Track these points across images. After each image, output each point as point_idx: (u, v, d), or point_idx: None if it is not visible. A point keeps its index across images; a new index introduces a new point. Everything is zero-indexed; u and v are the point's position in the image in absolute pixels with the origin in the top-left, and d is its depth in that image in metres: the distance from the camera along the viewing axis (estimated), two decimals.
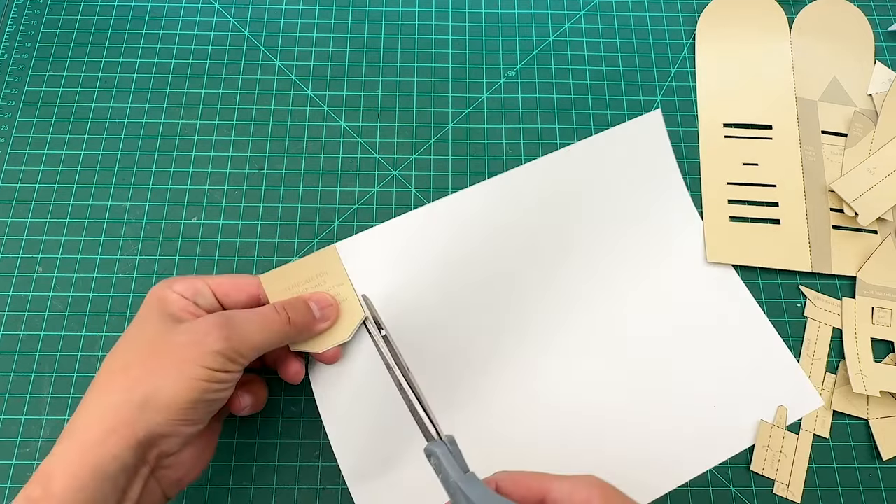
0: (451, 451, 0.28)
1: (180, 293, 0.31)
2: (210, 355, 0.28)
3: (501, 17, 0.47)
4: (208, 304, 0.32)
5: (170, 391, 0.27)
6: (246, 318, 0.30)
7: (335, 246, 0.36)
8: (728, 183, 0.42)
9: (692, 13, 0.48)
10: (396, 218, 0.39)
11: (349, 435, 0.35)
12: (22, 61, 0.45)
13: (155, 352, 0.28)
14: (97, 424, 0.26)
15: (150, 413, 0.27)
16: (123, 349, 0.30)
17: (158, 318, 0.30)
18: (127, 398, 0.27)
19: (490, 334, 0.38)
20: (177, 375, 0.27)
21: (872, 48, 0.46)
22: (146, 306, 0.31)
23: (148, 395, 0.27)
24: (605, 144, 0.42)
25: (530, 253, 0.39)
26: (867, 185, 0.41)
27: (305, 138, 0.43)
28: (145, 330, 0.30)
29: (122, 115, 0.44)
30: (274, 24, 0.47)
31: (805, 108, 0.44)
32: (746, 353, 0.39)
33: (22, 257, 0.40)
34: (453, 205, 0.40)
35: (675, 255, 0.41)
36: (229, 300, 0.32)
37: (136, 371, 0.28)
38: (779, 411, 0.37)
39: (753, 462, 0.36)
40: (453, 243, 0.39)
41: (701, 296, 0.40)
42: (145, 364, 0.28)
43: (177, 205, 0.41)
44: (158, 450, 0.28)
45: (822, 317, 0.40)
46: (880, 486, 0.36)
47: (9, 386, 0.37)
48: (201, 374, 0.28)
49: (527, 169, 0.41)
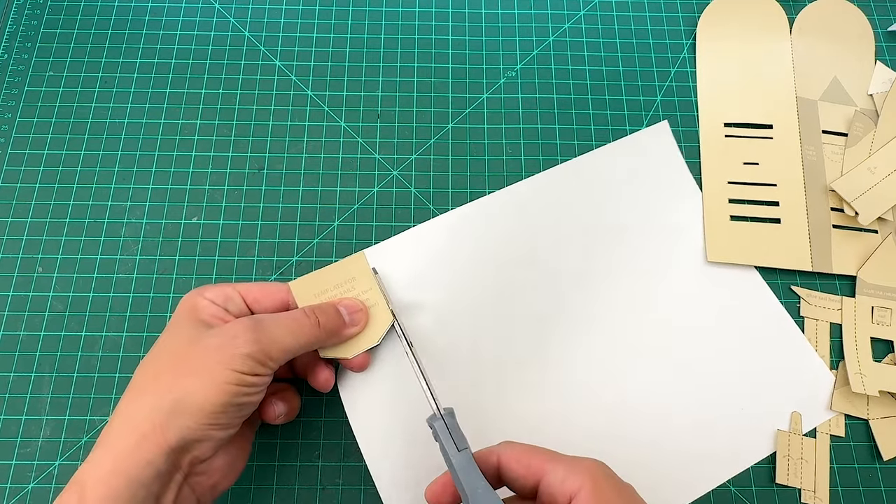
0: (449, 426, 0.29)
1: (211, 300, 0.31)
2: (239, 358, 0.28)
3: (501, 17, 0.47)
4: (239, 310, 0.32)
5: (199, 395, 0.27)
6: (275, 321, 0.30)
7: (364, 252, 0.36)
8: (728, 182, 0.42)
9: (692, 13, 0.48)
10: (423, 224, 0.40)
11: (379, 442, 0.35)
12: (22, 61, 0.45)
13: (185, 357, 0.28)
14: (130, 431, 0.27)
15: (180, 417, 0.27)
16: (155, 356, 0.30)
17: (189, 324, 0.30)
18: (157, 404, 0.27)
19: (514, 339, 0.38)
20: (206, 379, 0.27)
21: (873, 48, 0.46)
22: (178, 314, 0.31)
23: (178, 400, 0.27)
24: (619, 152, 0.43)
25: (554, 259, 0.40)
26: (867, 184, 0.41)
27: (305, 138, 0.43)
28: (176, 336, 0.30)
29: (123, 115, 0.44)
30: (274, 24, 0.47)
31: (805, 108, 0.44)
32: (772, 354, 0.38)
33: (22, 257, 0.40)
34: (478, 210, 0.41)
35: (694, 259, 0.41)
36: (259, 306, 0.33)
37: (167, 377, 0.28)
38: (793, 417, 0.37)
39: (777, 474, 0.36)
40: (478, 248, 0.40)
41: (724, 298, 0.40)
42: (175, 369, 0.28)
43: (177, 205, 0.41)
44: (191, 455, 0.28)
45: (818, 314, 0.39)
46: (880, 487, 0.36)
47: (9, 386, 0.37)
48: (231, 377, 0.27)
49: (548, 175, 0.42)
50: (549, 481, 0.26)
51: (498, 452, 0.28)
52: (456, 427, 0.29)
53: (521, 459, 0.27)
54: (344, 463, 0.36)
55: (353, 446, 0.36)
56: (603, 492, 0.25)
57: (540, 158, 0.43)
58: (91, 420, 0.37)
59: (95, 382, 0.37)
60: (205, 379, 0.27)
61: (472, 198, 0.42)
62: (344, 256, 0.40)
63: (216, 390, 0.27)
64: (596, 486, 0.25)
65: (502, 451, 0.28)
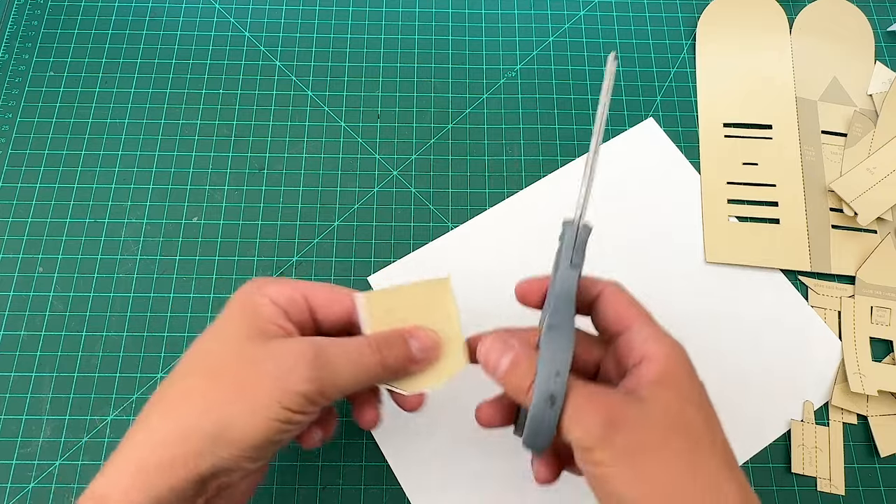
0: (577, 238, 0.26)
1: (272, 300, 0.27)
2: (293, 395, 0.25)
3: (501, 17, 0.47)
4: (300, 316, 0.28)
5: (243, 427, 0.24)
6: (338, 356, 0.26)
7: (450, 277, 0.30)
8: (728, 183, 0.42)
9: (692, 13, 0.48)
10: (435, 241, 0.41)
11: (419, 476, 0.36)
12: (22, 62, 0.45)
13: (232, 374, 0.25)
14: (159, 449, 0.24)
15: (217, 447, 0.24)
16: (198, 361, 0.27)
17: (245, 328, 0.27)
18: (195, 426, 0.24)
19: None
20: (252, 410, 0.25)
21: (872, 48, 0.46)
22: (232, 311, 0.28)
23: (220, 428, 0.24)
24: (615, 151, 0.43)
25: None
26: (867, 184, 0.41)
27: (305, 138, 0.43)
28: (226, 343, 0.27)
29: (123, 115, 0.44)
30: (274, 24, 0.47)
31: (805, 108, 0.44)
32: (780, 338, 0.39)
33: (23, 257, 0.40)
34: (473, 229, 0.41)
35: (694, 257, 0.41)
36: (322, 313, 0.29)
37: (209, 394, 0.25)
38: (805, 406, 0.37)
39: (793, 463, 0.36)
40: (479, 263, 0.40)
41: (726, 291, 0.40)
42: (219, 387, 0.25)
43: (177, 205, 0.42)
44: (218, 482, 0.26)
45: (826, 303, 0.40)
46: (880, 487, 0.36)
47: (9, 386, 0.37)
48: (279, 414, 0.25)
49: (548, 181, 0.42)
50: (631, 336, 0.26)
51: (603, 287, 0.27)
52: (583, 245, 0.26)
53: (618, 305, 0.27)
54: (344, 463, 0.36)
55: (352, 446, 0.36)
56: (676, 370, 0.25)
57: (540, 158, 0.43)
58: (91, 420, 0.37)
59: (95, 382, 0.37)
60: (250, 409, 0.25)
61: (472, 198, 0.42)
62: (344, 257, 0.41)
63: (261, 425, 0.24)
64: (672, 362, 0.25)
65: (607, 287, 0.27)
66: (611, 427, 0.23)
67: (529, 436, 0.25)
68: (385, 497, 0.36)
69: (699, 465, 0.23)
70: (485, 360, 0.27)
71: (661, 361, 0.24)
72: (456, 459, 0.36)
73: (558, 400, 0.24)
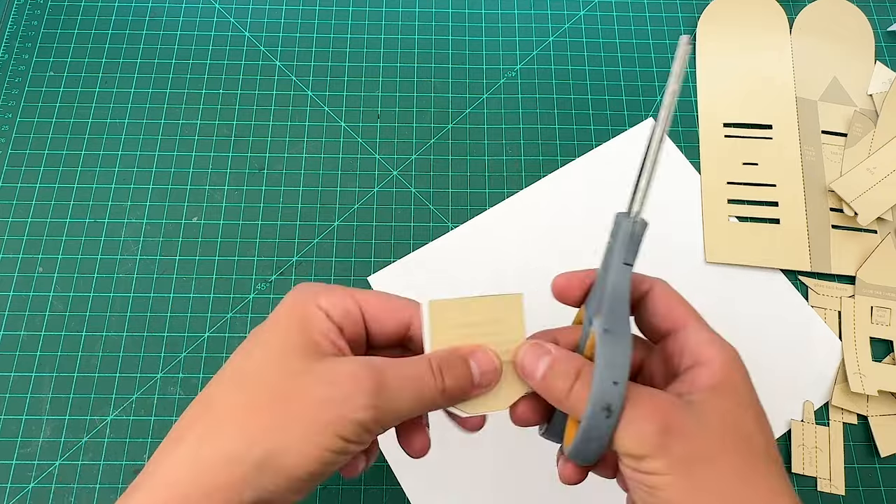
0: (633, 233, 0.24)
1: (327, 311, 0.25)
2: (349, 424, 0.23)
3: (501, 17, 0.47)
4: (355, 330, 0.26)
5: (294, 457, 0.22)
6: (397, 380, 0.24)
7: (522, 294, 0.28)
8: (728, 183, 0.42)
9: (692, 13, 0.48)
10: (435, 241, 0.41)
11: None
12: (22, 62, 0.45)
13: (283, 396, 0.23)
14: (200, 475, 0.22)
15: (264, 477, 0.22)
16: (245, 378, 0.24)
17: (296, 343, 0.24)
18: (243, 453, 0.22)
19: None
20: (305, 438, 0.22)
21: (872, 48, 0.46)
22: (282, 322, 0.25)
23: (269, 456, 0.22)
24: (615, 151, 0.43)
25: (557, 263, 0.40)
26: (867, 184, 0.41)
27: (305, 138, 0.43)
28: (276, 359, 0.24)
29: (123, 115, 0.44)
30: (274, 24, 0.47)
31: (805, 108, 0.44)
32: (779, 338, 0.39)
33: (22, 257, 0.40)
34: (473, 229, 0.41)
35: (694, 255, 0.41)
36: (377, 325, 0.27)
37: (261, 419, 0.23)
38: (806, 406, 0.37)
39: (793, 463, 0.36)
40: (479, 263, 0.40)
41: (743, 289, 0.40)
42: (272, 411, 0.23)
43: (177, 205, 0.42)
44: None
45: (826, 303, 0.40)
46: (880, 487, 0.36)
47: (9, 386, 0.37)
48: (334, 444, 0.23)
49: (548, 181, 0.42)
50: (686, 336, 0.25)
51: (652, 284, 0.26)
52: (639, 241, 0.24)
53: (670, 302, 0.26)
54: None
55: None
56: (734, 377, 0.24)
57: (539, 158, 0.43)
58: (91, 420, 0.37)
59: (95, 382, 0.37)
60: (302, 436, 0.22)
61: (472, 198, 0.42)
62: (344, 257, 0.41)
63: (312, 454, 0.22)
64: (729, 368, 0.24)
65: (657, 285, 0.26)
66: (667, 435, 0.22)
67: (580, 447, 0.23)
68: (385, 497, 0.36)
69: (757, 477, 0.23)
70: (521, 366, 0.26)
71: (719, 367, 0.23)
72: (456, 459, 0.36)
73: (615, 410, 0.22)
